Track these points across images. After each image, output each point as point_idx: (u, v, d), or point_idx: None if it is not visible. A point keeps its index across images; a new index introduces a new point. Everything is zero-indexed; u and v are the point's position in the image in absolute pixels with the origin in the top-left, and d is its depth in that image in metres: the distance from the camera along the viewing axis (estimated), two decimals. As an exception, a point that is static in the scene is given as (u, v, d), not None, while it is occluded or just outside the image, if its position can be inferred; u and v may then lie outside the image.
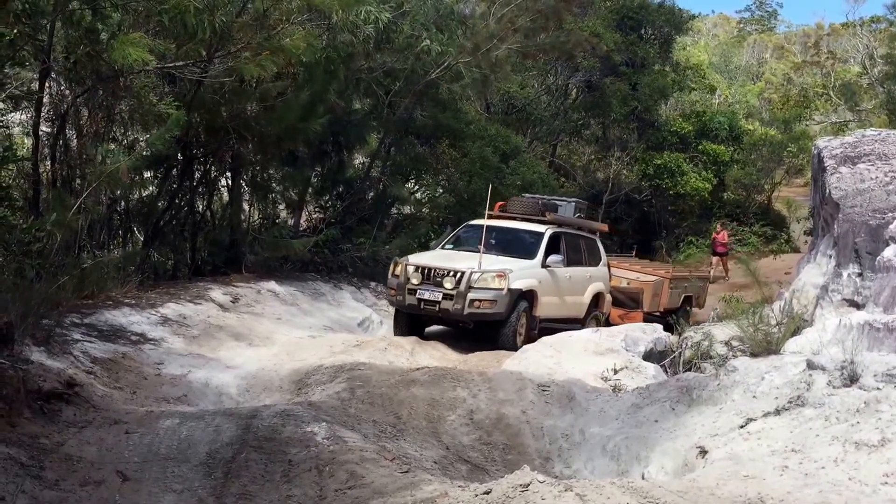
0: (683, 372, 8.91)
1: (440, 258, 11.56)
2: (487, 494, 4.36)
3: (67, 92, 9.99)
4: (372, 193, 16.37)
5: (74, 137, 10.26)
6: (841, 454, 5.12)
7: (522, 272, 11.27)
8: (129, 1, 9.25)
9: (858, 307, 8.86)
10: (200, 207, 13.20)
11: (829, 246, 10.59)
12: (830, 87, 34.63)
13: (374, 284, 14.37)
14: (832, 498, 4.61)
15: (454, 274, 10.83)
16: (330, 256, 14.29)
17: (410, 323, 11.63)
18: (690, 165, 26.22)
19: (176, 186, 12.37)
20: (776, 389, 6.47)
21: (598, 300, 13.23)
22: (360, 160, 17.12)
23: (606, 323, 13.04)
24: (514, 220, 12.76)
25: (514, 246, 11.99)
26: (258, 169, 13.71)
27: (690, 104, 29.04)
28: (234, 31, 10.13)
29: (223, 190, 13.94)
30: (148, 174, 11.90)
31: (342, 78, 13.68)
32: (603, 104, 25.25)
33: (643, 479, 5.83)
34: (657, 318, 14.81)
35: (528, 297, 11.32)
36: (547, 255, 11.85)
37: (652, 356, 9.75)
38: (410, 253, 12.64)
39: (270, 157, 13.23)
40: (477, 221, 12.71)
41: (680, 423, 6.58)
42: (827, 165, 11.03)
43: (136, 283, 10.31)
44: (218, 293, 10.97)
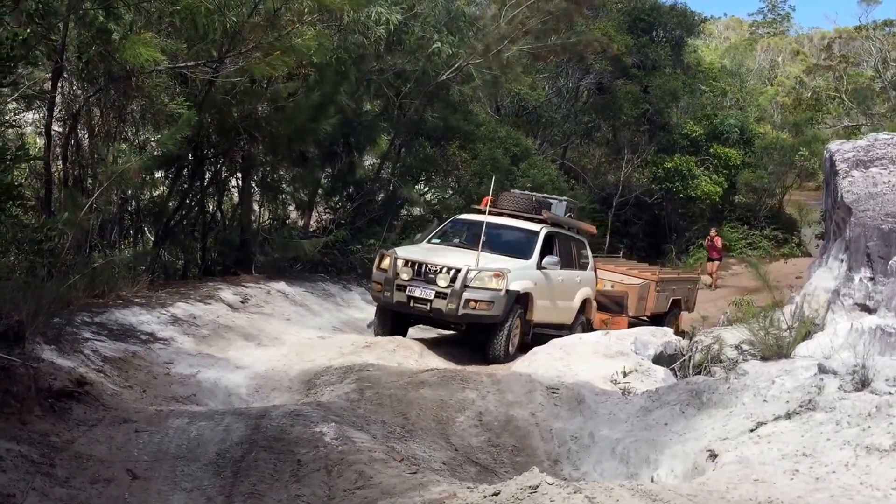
0: (693, 375, 8.88)
1: (431, 253, 10.50)
2: (496, 496, 4.35)
3: (80, 92, 10.02)
4: (382, 195, 16.41)
5: (86, 137, 10.30)
6: (852, 458, 5.09)
7: (518, 273, 10.33)
8: (141, 1, 9.30)
9: (870, 311, 8.81)
10: (211, 208, 13.26)
11: (840, 250, 10.53)
12: (843, 90, 34.46)
13: (383, 286, 14.34)
14: (843, 502, 4.59)
15: (449, 270, 9.87)
16: (339, 257, 14.34)
17: (395, 321, 10.61)
18: (701, 169, 26.20)
19: (187, 186, 12.43)
20: (787, 393, 6.44)
21: (584, 306, 12.13)
22: (370, 161, 17.12)
23: (589, 328, 12.06)
24: (503, 216, 11.66)
25: (506, 244, 10.99)
26: (269, 169, 13.76)
27: (702, 107, 28.93)
28: (245, 31, 10.15)
29: (233, 190, 13.98)
30: (159, 174, 11.93)
31: (353, 79, 13.74)
32: (614, 106, 25.22)
33: (652, 482, 5.81)
34: (644, 322, 13.70)
35: (523, 300, 10.38)
36: (542, 255, 10.89)
37: (661, 359, 9.69)
38: None
39: (281, 157, 13.27)
40: (464, 216, 12.06)
41: (690, 426, 6.55)
42: (839, 169, 10.98)
43: (146, 282, 10.37)
44: (228, 293, 11.00)
